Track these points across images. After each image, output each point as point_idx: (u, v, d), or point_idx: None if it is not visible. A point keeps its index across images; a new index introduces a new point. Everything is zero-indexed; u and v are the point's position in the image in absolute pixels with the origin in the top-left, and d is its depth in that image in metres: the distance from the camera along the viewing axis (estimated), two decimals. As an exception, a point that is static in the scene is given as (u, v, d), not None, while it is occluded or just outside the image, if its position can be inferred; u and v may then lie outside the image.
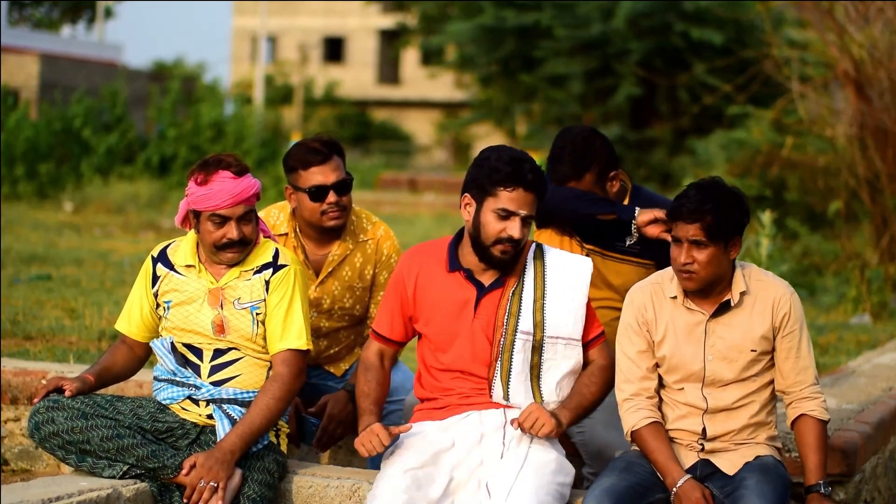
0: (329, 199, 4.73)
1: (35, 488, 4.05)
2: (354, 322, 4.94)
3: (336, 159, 4.78)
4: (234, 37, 60.83)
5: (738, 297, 4.06)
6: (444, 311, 4.21)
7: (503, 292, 4.19)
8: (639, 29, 22.37)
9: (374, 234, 4.89)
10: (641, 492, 3.98)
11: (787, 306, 4.06)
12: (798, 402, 4.10)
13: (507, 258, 4.15)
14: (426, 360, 4.27)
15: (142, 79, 33.41)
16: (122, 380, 4.54)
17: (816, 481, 4.05)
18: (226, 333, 4.33)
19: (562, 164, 4.67)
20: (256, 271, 4.36)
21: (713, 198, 3.98)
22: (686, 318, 4.10)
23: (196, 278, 4.37)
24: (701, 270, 4.00)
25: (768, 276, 4.14)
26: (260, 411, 4.23)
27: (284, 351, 4.33)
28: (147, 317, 4.44)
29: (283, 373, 4.31)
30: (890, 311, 9.98)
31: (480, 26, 24.08)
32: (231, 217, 4.27)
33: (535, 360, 4.18)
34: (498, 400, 4.17)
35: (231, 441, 4.19)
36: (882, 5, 11.25)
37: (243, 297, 4.34)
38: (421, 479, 4.01)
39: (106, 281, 9.94)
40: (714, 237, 3.97)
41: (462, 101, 42.40)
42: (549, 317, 4.18)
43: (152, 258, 4.46)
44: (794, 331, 4.08)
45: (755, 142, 15.03)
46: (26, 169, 21.90)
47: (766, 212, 10.17)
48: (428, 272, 4.25)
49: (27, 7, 49.63)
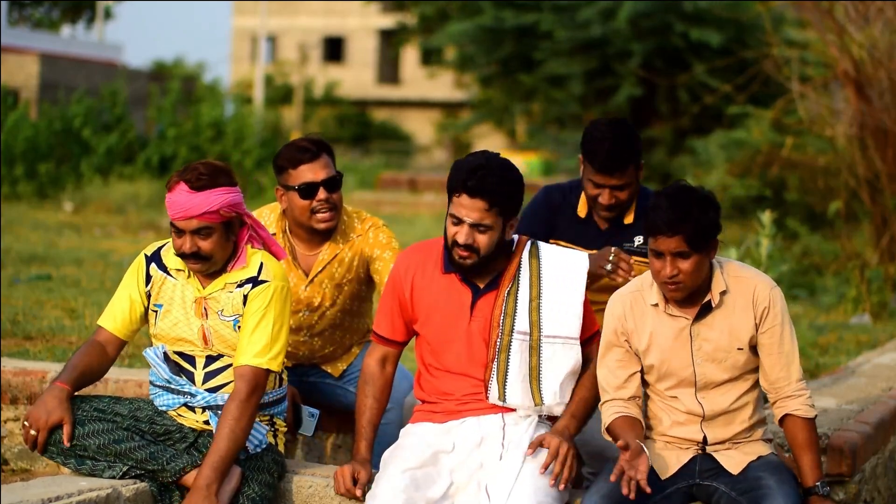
0: (319, 196, 4.72)
1: (35, 488, 4.05)
2: (344, 318, 4.93)
3: (325, 157, 4.78)
4: (234, 37, 60.82)
5: (718, 298, 4.03)
6: (440, 313, 4.21)
7: (498, 293, 4.18)
8: (639, 30, 22.37)
9: (363, 232, 4.88)
10: (638, 496, 3.97)
11: (766, 301, 4.02)
12: (782, 401, 4.06)
13: (465, 263, 4.12)
14: (425, 360, 4.27)
15: (142, 79, 33.40)
16: (93, 383, 4.47)
17: (814, 482, 4.03)
18: (210, 344, 4.31)
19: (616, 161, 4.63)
20: (239, 285, 4.31)
21: (689, 207, 3.91)
22: (670, 325, 4.08)
23: (185, 283, 4.35)
24: (687, 280, 3.97)
25: (746, 270, 4.09)
26: (224, 437, 4.17)
27: (243, 366, 4.25)
28: (134, 313, 4.37)
29: (240, 389, 4.22)
30: (890, 311, 9.97)
31: (479, 27, 24.07)
32: (185, 230, 4.23)
33: (534, 362, 4.17)
34: (494, 401, 4.16)
35: (206, 475, 4.13)
36: (882, 5, 11.24)
37: (226, 310, 4.30)
38: (420, 479, 4.01)
39: (106, 281, 9.93)
40: (697, 246, 3.93)
41: (462, 100, 42.42)
42: (546, 316, 4.17)
43: (145, 257, 4.42)
44: (774, 325, 4.03)
45: (755, 142, 15.02)
46: (26, 169, 21.87)
47: (766, 212, 10.16)
48: (423, 273, 4.24)
49: (27, 7, 49.62)
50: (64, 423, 4.18)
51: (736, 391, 4.08)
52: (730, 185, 14.13)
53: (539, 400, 4.16)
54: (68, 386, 4.25)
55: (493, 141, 34.88)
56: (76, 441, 4.18)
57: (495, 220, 4.09)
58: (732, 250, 9.82)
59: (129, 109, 24.83)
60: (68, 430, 4.17)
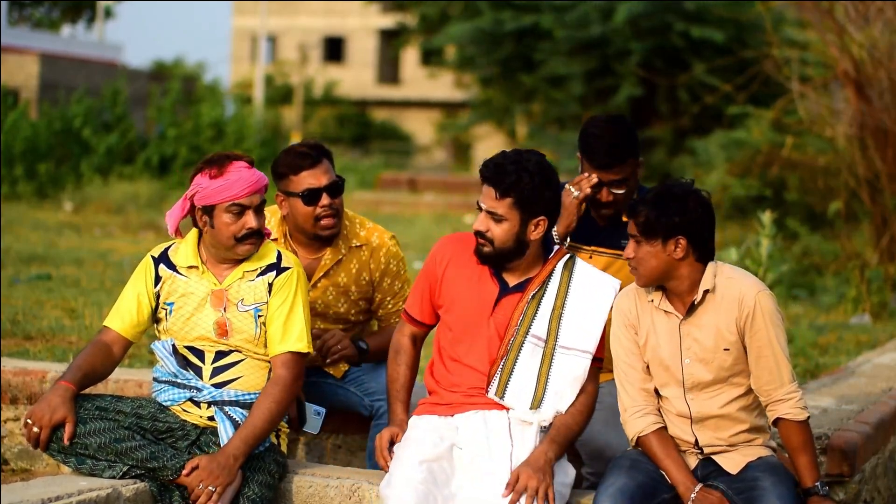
0: (322, 202, 4.72)
1: (35, 488, 4.05)
2: (350, 326, 4.94)
3: (325, 162, 4.78)
4: (233, 37, 60.82)
5: (700, 295, 4.04)
6: (465, 303, 4.24)
7: (524, 294, 4.21)
8: (638, 29, 22.36)
9: (367, 240, 4.88)
10: (650, 490, 3.99)
11: (751, 303, 4.01)
12: (773, 405, 4.06)
13: (482, 252, 4.18)
14: (441, 347, 4.29)
15: (142, 79, 33.41)
16: (97, 383, 4.47)
17: (812, 483, 4.04)
18: (228, 336, 4.32)
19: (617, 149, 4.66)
20: (260, 273, 4.36)
21: (653, 199, 4.02)
22: (664, 322, 4.11)
23: (198, 279, 4.36)
24: (639, 266, 4.05)
25: (738, 273, 4.10)
26: (262, 415, 4.23)
27: (284, 353, 4.33)
28: (142, 314, 4.39)
29: (283, 375, 4.31)
30: (890, 311, 9.98)
31: (479, 28, 24.06)
32: (250, 206, 4.29)
33: (544, 369, 4.18)
34: (492, 396, 4.17)
35: (235, 445, 4.19)
36: (882, 5, 11.24)
37: (247, 299, 4.33)
38: (436, 471, 4.03)
39: (106, 281, 9.94)
40: (647, 234, 4.01)
41: (462, 100, 42.37)
42: (565, 327, 4.19)
43: (153, 258, 4.43)
44: (760, 329, 4.02)
45: (755, 142, 15.02)
46: (26, 169, 21.88)
47: (766, 212, 10.17)
48: (459, 261, 4.28)
49: (27, 7, 49.61)
50: (67, 422, 4.18)
51: (725, 396, 4.08)
52: (730, 185, 14.14)
53: (537, 405, 4.17)
54: (73, 385, 4.25)
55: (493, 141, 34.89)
56: (77, 439, 4.18)
57: (509, 211, 4.13)
58: (733, 250, 9.83)
59: (129, 109, 24.85)
60: (70, 430, 4.17)
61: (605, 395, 4.43)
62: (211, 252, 4.38)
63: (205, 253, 4.39)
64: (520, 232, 4.16)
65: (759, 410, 4.13)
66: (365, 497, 4.28)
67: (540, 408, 4.16)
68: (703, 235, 4.04)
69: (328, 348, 4.81)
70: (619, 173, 4.60)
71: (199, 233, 4.40)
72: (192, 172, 4.38)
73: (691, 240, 4.02)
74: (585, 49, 23.11)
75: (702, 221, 4.03)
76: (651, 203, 4.02)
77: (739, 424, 4.09)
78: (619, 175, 4.60)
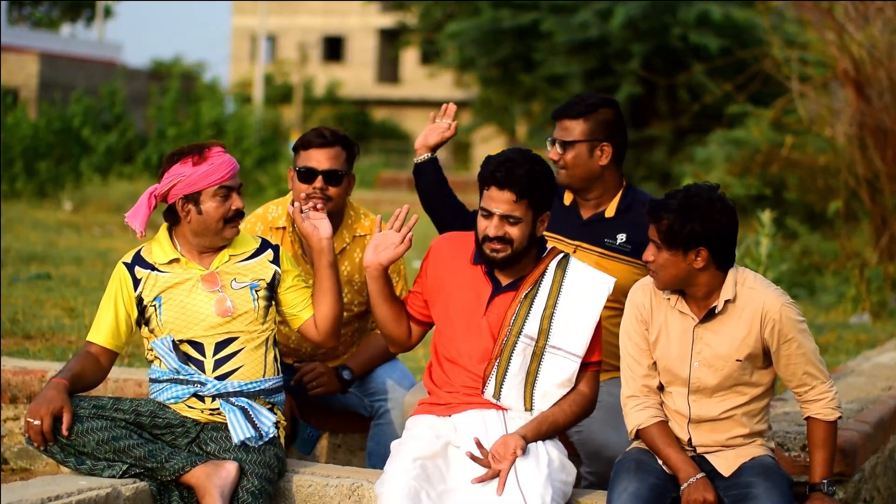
0: (315, 184, 4.72)
1: (34, 487, 4.04)
2: (352, 317, 4.93)
3: (338, 149, 4.79)
4: (233, 36, 60.81)
5: (722, 304, 4.02)
6: (457, 302, 4.25)
7: (517, 294, 4.20)
8: (637, 31, 22.36)
9: (370, 230, 4.88)
10: (661, 492, 3.98)
11: (776, 316, 3.99)
12: (805, 405, 4.09)
13: (498, 257, 4.16)
14: (438, 350, 4.30)
15: (141, 78, 33.43)
16: (89, 389, 4.46)
17: (820, 479, 4.04)
18: (231, 313, 4.32)
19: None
20: (252, 255, 4.41)
21: (677, 206, 3.95)
22: (678, 322, 4.09)
23: (183, 270, 4.37)
24: (659, 272, 4.01)
25: (760, 284, 4.06)
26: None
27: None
28: (122, 325, 4.38)
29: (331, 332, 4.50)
30: (889, 310, 9.99)
31: (478, 27, 24.06)
32: (234, 188, 4.35)
33: (533, 368, 4.18)
34: (488, 398, 4.18)
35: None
36: (882, 5, 11.24)
37: (240, 278, 4.37)
38: (430, 468, 4.03)
39: (105, 280, 9.89)
40: (669, 243, 3.96)
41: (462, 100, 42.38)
42: (556, 326, 4.18)
43: (126, 265, 4.43)
44: (790, 339, 4.01)
45: (755, 141, 15.02)
46: (25, 168, 21.86)
47: (765, 211, 10.17)
48: (453, 260, 4.29)
49: (27, 6, 49.62)
50: (64, 412, 4.18)
51: (728, 403, 4.07)
52: (730, 184, 14.13)
53: (530, 405, 4.17)
54: (65, 381, 4.26)
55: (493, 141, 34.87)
56: (75, 437, 4.18)
57: (525, 212, 4.13)
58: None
59: (128, 109, 24.86)
60: (68, 419, 4.17)
61: (604, 394, 4.42)
62: (192, 243, 4.39)
63: (183, 246, 4.40)
64: (532, 231, 4.18)
65: (760, 417, 4.12)
66: (364, 496, 4.28)
67: (532, 410, 4.17)
68: (725, 245, 4.00)
69: (306, 383, 4.81)
70: (568, 132, 4.62)
71: (169, 228, 4.40)
72: (164, 167, 4.41)
73: (713, 250, 3.98)
74: (585, 49, 23.12)
75: (725, 232, 3.99)
76: (675, 211, 3.95)
77: (737, 429, 4.08)
78: (567, 135, 4.61)
